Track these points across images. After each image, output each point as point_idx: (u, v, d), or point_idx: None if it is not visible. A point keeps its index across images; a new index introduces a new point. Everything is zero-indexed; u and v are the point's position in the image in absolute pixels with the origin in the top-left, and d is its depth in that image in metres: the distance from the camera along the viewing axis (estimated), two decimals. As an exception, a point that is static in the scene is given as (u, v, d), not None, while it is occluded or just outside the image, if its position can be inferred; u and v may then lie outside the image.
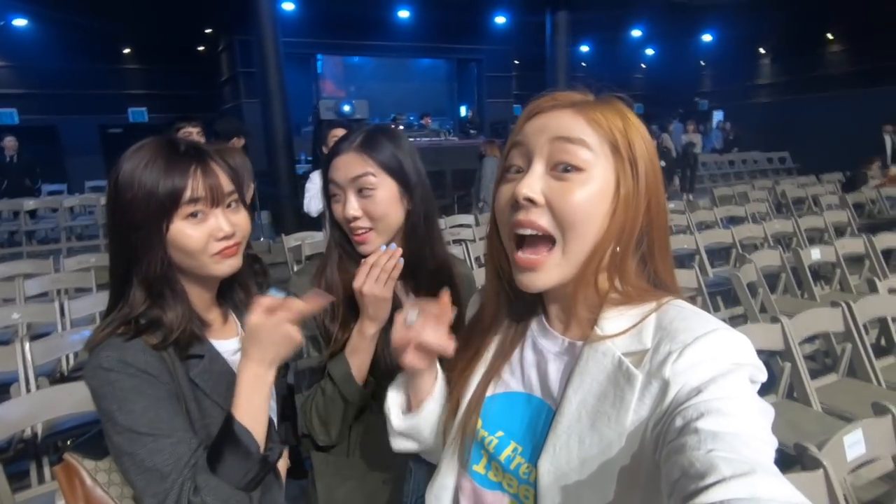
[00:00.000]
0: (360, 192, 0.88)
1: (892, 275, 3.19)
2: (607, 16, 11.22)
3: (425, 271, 0.95)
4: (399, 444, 0.73)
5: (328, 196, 0.94)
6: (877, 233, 3.71)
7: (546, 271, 0.54)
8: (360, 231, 0.90)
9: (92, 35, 10.53)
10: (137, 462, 0.67)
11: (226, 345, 0.84)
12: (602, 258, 0.54)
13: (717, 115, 15.32)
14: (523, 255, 0.55)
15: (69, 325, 2.66)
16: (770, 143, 12.56)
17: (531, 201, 0.53)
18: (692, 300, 0.57)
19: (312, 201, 3.26)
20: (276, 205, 6.99)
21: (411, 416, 0.70)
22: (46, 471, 1.85)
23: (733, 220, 5.04)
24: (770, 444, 0.42)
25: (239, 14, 7.49)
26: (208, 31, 11.22)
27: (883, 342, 2.54)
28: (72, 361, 2.56)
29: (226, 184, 0.77)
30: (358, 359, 0.89)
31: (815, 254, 3.35)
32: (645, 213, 0.55)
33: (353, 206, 0.88)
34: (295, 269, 3.50)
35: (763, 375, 0.50)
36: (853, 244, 3.61)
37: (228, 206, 0.78)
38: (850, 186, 6.66)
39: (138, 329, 0.73)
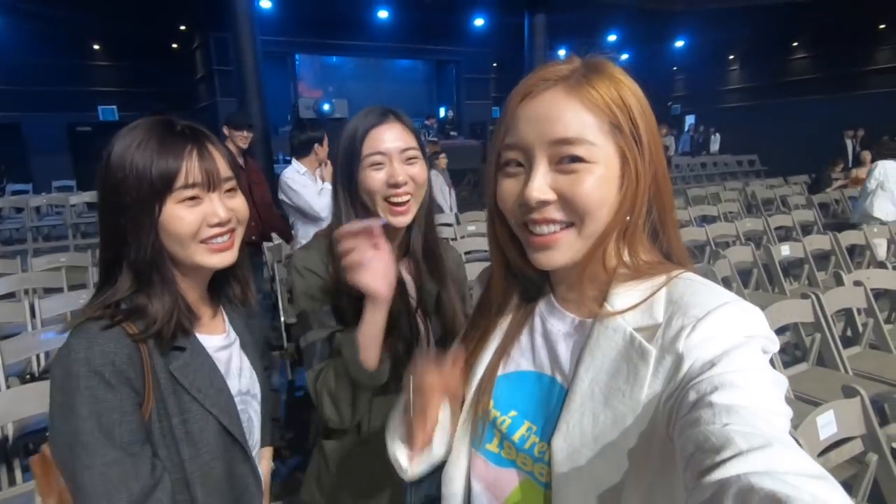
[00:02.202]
0: (408, 160, 0.92)
1: (855, 269, 3.33)
2: (584, 20, 11.42)
3: (426, 252, 0.99)
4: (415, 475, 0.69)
5: (352, 167, 0.91)
6: (841, 230, 3.88)
7: (562, 249, 0.53)
8: (403, 199, 0.90)
9: (59, 28, 10.18)
10: (69, 474, 0.64)
11: (211, 340, 0.80)
12: (613, 233, 0.53)
13: (689, 119, 15.75)
14: (539, 238, 0.53)
15: (40, 324, 2.57)
16: (739, 146, 12.97)
17: (544, 202, 0.52)
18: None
19: (314, 200, 2.92)
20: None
21: (424, 457, 0.67)
22: (18, 473, 1.79)
23: (706, 219, 5.19)
24: (785, 416, 0.42)
25: (214, 11, 7.36)
26: (182, 27, 10.98)
27: (849, 332, 2.65)
28: (42, 361, 2.48)
29: (223, 168, 0.74)
30: (366, 338, 0.82)
31: (785, 250, 3.48)
32: (653, 181, 0.54)
33: (402, 172, 0.90)
34: (275, 267, 3.45)
35: (775, 346, 0.49)
36: (820, 241, 3.76)
37: (226, 191, 0.75)
38: (816, 188, 6.93)
39: (117, 314, 0.69)
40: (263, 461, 0.94)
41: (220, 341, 0.81)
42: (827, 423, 1.32)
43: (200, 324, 0.79)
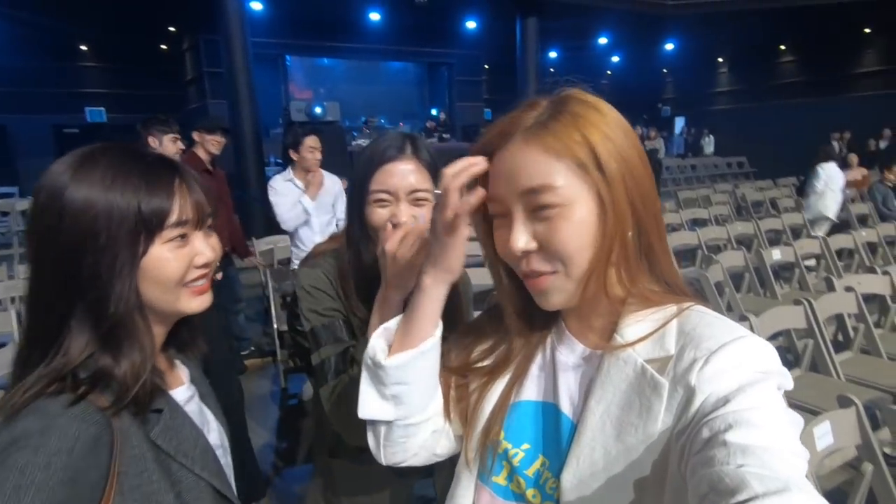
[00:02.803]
0: (416, 202, 0.88)
1: (845, 273, 3.37)
2: (575, 24, 11.47)
3: None
4: (372, 405, 0.61)
5: (361, 198, 0.89)
6: (830, 234, 3.92)
7: (554, 292, 0.54)
8: None
9: (47, 30, 10.05)
10: None
11: (177, 394, 0.70)
12: (604, 269, 0.53)
13: (679, 122, 15.89)
14: (533, 281, 0.55)
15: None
16: (728, 148, 13.10)
17: (526, 252, 0.53)
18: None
19: (283, 210, 2.89)
20: (244, 208, 6.83)
21: (402, 355, 0.59)
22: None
23: (697, 223, 5.23)
24: (801, 457, 0.41)
25: (204, 13, 7.28)
26: (172, 29, 10.87)
27: (840, 338, 2.68)
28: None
29: (205, 202, 0.66)
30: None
31: (776, 254, 3.51)
32: (631, 206, 0.53)
33: (406, 213, 0.86)
34: (267, 273, 3.42)
35: (789, 383, 0.49)
36: (810, 245, 3.80)
37: (207, 227, 0.67)
38: (804, 190, 7.00)
39: (78, 386, 0.56)
40: None
41: (185, 392, 0.72)
42: (824, 434, 1.32)
43: (165, 377, 0.69)
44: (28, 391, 0.55)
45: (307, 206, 2.89)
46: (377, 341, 0.62)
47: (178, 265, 0.63)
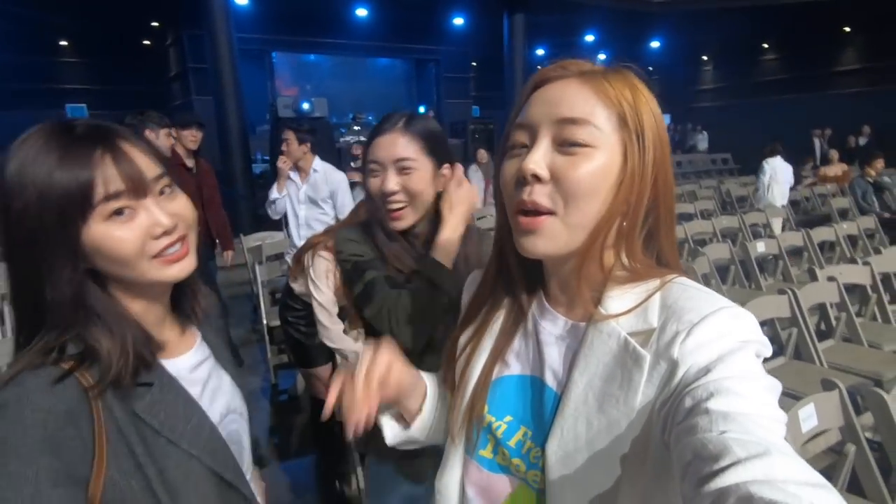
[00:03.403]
0: (402, 170, 0.95)
1: (827, 265, 3.45)
2: (562, 20, 11.53)
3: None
4: (399, 445, 0.75)
5: (364, 171, 0.99)
6: (812, 227, 4.01)
7: (546, 235, 0.52)
8: (396, 206, 0.95)
9: (25, 24, 9.81)
10: None
11: (181, 362, 0.69)
12: (608, 232, 0.53)
13: (665, 119, 16.04)
14: (525, 219, 0.53)
15: (10, 332, 2.48)
16: (713, 144, 13.28)
17: (537, 177, 0.51)
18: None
19: (269, 200, 3.12)
20: (232, 205, 6.77)
21: (405, 432, 0.72)
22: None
23: (683, 217, 5.30)
24: (780, 422, 0.42)
25: (189, 7, 7.19)
26: (155, 24, 10.70)
27: (822, 326, 2.74)
28: (14, 371, 2.39)
29: (148, 167, 0.61)
30: (446, 236, 0.96)
31: (761, 247, 3.58)
32: (652, 188, 0.53)
33: (393, 181, 0.94)
34: (256, 268, 3.39)
35: (768, 350, 0.50)
36: (793, 238, 3.87)
37: (161, 193, 0.62)
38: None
39: (65, 360, 0.57)
40: (255, 483, 0.85)
41: (193, 358, 0.72)
42: (808, 416, 1.36)
43: (169, 346, 0.68)
44: (15, 366, 0.57)
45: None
46: (383, 419, 0.72)
47: (130, 239, 0.59)
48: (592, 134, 0.51)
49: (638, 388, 0.50)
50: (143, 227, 0.60)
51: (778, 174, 5.30)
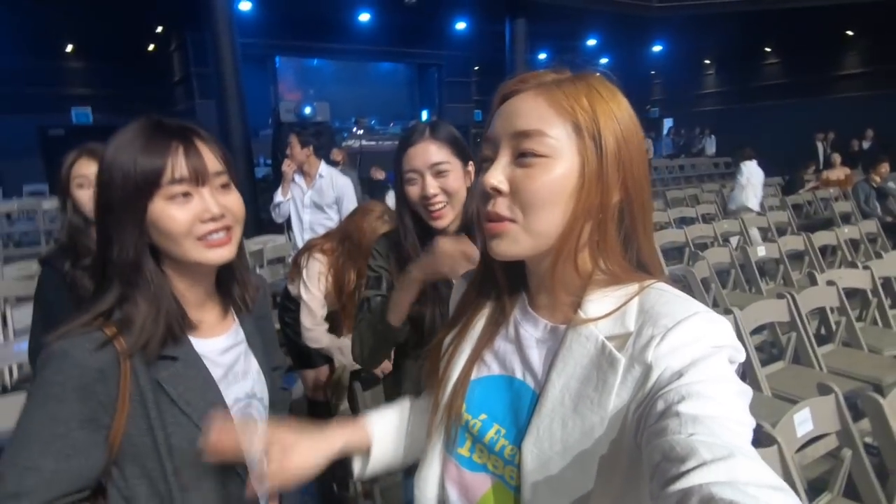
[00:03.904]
0: (438, 174, 1.04)
1: (828, 269, 3.44)
2: (564, 25, 11.56)
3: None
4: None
5: (399, 180, 1.09)
6: (814, 231, 4.00)
7: (508, 239, 0.54)
8: (438, 206, 1.05)
9: (30, 29, 9.89)
10: (4, 459, 0.64)
11: (215, 343, 0.78)
12: (578, 235, 0.54)
13: (668, 123, 16.05)
14: (488, 224, 0.56)
15: (13, 334, 2.50)
16: (716, 148, 13.27)
17: (497, 190, 0.54)
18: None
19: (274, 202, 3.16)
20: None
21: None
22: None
23: (685, 221, 5.30)
24: (747, 426, 0.43)
25: (192, 12, 7.23)
26: (159, 28, 10.78)
27: (822, 331, 2.73)
28: (16, 373, 2.41)
29: (212, 163, 0.72)
30: (397, 296, 1.00)
31: (761, 251, 3.57)
32: (621, 188, 0.54)
33: (432, 185, 1.03)
34: (258, 271, 3.41)
35: (741, 355, 0.51)
36: (794, 241, 3.86)
37: (220, 187, 0.73)
38: (789, 189, 7.13)
39: (107, 326, 0.68)
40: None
41: (224, 342, 0.79)
42: (803, 421, 1.35)
43: (203, 327, 0.77)
44: (73, 322, 0.68)
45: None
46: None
47: (182, 218, 0.69)
48: (547, 144, 0.52)
49: (612, 390, 0.50)
50: (195, 211, 0.70)
51: (754, 177, 5.49)
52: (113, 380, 0.66)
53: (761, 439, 1.26)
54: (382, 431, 0.76)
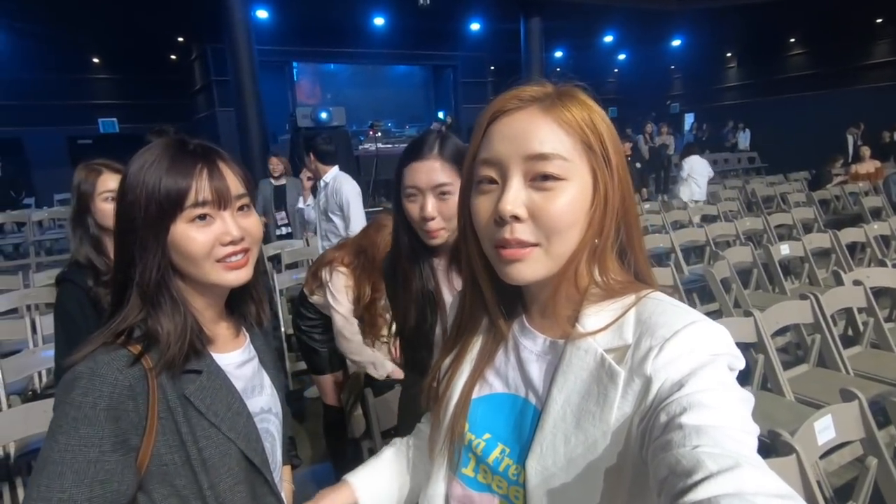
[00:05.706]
0: (440, 195, 1.00)
1: (856, 267, 3.32)
2: (580, 23, 11.43)
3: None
4: None
5: (398, 192, 1.05)
6: (841, 228, 3.86)
7: (531, 263, 0.53)
8: (433, 227, 1.02)
9: (59, 44, 10.27)
10: (30, 489, 0.61)
11: (231, 357, 0.79)
12: (583, 255, 0.54)
13: (689, 118, 15.72)
14: (508, 251, 0.53)
15: (41, 341, 2.58)
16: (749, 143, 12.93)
17: (516, 217, 0.52)
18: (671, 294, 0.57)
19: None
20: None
21: None
22: (20, 492, 1.80)
23: (706, 219, 5.18)
24: (752, 434, 0.43)
25: (211, 22, 7.40)
26: (180, 39, 11.04)
27: (850, 332, 2.64)
28: (44, 379, 2.49)
29: (234, 186, 0.72)
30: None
31: (785, 249, 3.47)
32: (621, 203, 0.55)
33: (432, 207, 1.00)
34: (275, 277, 3.46)
35: (741, 363, 0.50)
36: (820, 239, 3.74)
37: (239, 209, 0.73)
38: (816, 184, 6.90)
39: (131, 343, 0.67)
40: (285, 483, 0.92)
41: (239, 356, 0.80)
42: (825, 428, 1.31)
43: (218, 342, 0.78)
44: (96, 340, 0.68)
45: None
46: None
47: (202, 241, 0.69)
48: (563, 166, 0.52)
49: (613, 404, 0.50)
50: (216, 234, 0.70)
51: (695, 171, 5.92)
52: (142, 397, 0.65)
53: (779, 448, 1.22)
54: (367, 483, 0.77)
